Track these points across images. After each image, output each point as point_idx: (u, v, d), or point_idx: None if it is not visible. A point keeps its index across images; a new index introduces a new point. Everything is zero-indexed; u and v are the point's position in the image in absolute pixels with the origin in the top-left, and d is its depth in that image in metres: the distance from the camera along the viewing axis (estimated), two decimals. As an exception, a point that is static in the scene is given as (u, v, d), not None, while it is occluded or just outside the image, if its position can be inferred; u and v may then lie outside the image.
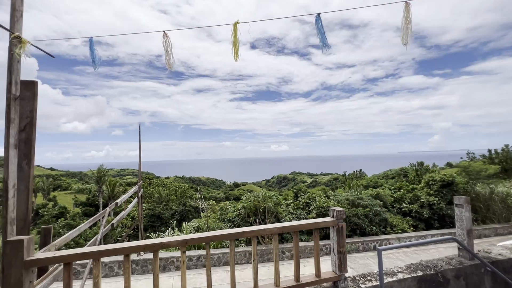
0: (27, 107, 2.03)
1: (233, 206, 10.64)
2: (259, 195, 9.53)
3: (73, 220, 28.72)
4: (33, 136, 2.03)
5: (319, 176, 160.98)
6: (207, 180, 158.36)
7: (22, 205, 1.95)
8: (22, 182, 1.95)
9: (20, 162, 1.96)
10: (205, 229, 9.63)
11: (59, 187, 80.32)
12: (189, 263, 7.80)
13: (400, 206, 12.33)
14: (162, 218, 34.59)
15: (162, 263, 7.55)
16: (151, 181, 74.44)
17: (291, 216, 10.14)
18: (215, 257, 8.04)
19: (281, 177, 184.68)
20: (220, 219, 10.48)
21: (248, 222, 9.64)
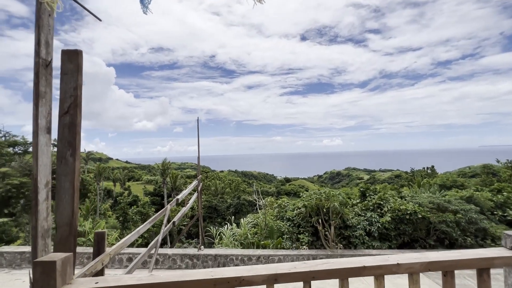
0: (71, 83, 1.61)
1: (292, 204, 9.89)
2: (322, 193, 8.55)
3: (143, 208, 32.14)
4: (77, 120, 1.60)
5: (377, 173, 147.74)
6: (259, 174, 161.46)
7: (66, 207, 1.52)
8: (65, 178, 1.53)
9: (63, 152, 1.54)
10: (263, 226, 9.14)
11: (132, 178, 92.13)
12: (248, 262, 7.39)
13: (504, 214, 9.76)
14: (218, 210, 36.16)
15: (221, 260, 7.32)
16: (208, 174, 79.26)
17: (359, 219, 8.88)
18: (275, 258, 7.46)
19: (334, 173, 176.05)
20: (278, 216, 9.86)
21: (310, 222, 8.77)
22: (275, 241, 8.40)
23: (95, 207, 38.93)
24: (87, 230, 18.94)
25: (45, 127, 1.25)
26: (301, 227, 8.90)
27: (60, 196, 1.56)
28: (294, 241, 8.66)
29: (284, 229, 8.81)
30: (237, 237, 8.95)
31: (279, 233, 8.77)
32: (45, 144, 1.25)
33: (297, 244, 8.59)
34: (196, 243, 27.31)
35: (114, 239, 22.57)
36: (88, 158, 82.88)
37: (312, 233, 8.85)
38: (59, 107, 1.60)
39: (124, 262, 7.18)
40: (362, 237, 8.36)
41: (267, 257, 7.42)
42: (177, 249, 7.48)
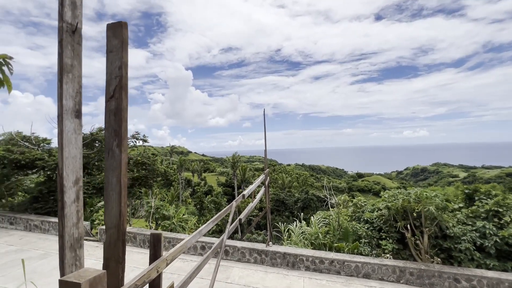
0: (116, 62, 1.36)
1: (371, 204, 8.63)
2: (410, 194, 7.09)
3: (216, 198, 34.82)
4: (123, 105, 1.35)
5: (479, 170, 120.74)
6: (327, 168, 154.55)
7: (114, 207, 1.28)
8: (112, 173, 1.29)
9: (109, 143, 1.29)
10: (336, 226, 8.27)
11: (207, 169, 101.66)
12: (320, 265, 6.74)
13: None
14: (286, 204, 36.04)
15: (290, 260, 6.89)
16: (275, 167, 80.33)
17: (465, 229, 7.01)
18: (352, 265, 6.57)
19: (418, 169, 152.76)
20: (353, 217, 8.78)
21: (394, 227, 7.44)
22: (351, 245, 7.44)
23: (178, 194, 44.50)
24: (171, 215, 21.71)
25: (72, 109, 0.99)
26: (383, 231, 7.64)
27: (108, 194, 1.33)
28: (374, 247, 7.51)
29: (362, 232, 7.74)
30: (307, 235, 8.36)
31: (355, 236, 7.75)
32: (73, 131, 0.99)
33: (378, 251, 7.42)
34: (264, 234, 27.92)
35: (192, 224, 25.27)
36: (172, 151, 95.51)
37: (398, 240, 7.50)
38: (105, 91, 1.37)
39: (198, 249, 7.58)
40: (471, 252, 6.56)
41: (342, 263, 6.60)
42: (245, 243, 7.45)
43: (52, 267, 6.66)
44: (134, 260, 7.13)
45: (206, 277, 5.96)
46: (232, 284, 6.00)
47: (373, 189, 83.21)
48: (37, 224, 9.32)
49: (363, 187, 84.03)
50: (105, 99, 1.38)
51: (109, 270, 1.31)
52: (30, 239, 8.54)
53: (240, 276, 6.36)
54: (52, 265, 6.79)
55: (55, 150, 11.53)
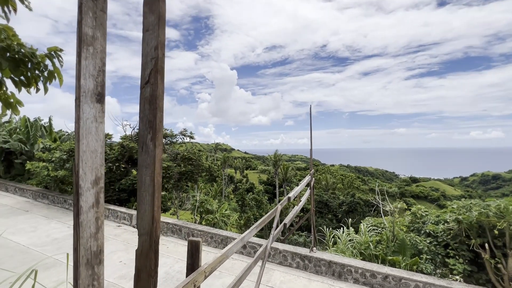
0: (152, 41, 1.17)
1: (434, 215, 7.45)
2: (490, 206, 5.87)
3: (258, 195, 35.02)
4: (159, 91, 1.15)
5: None
6: (375, 171, 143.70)
7: (147, 210, 1.11)
8: (146, 171, 1.09)
9: (143, 136, 1.11)
10: (390, 237, 7.36)
11: (249, 167, 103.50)
12: (371, 279, 6.03)
13: None
14: (330, 206, 34.41)
15: (337, 269, 6.33)
16: (318, 167, 77.67)
17: None
18: (411, 284, 5.70)
19: (488, 176, 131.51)
20: (411, 228, 7.72)
21: (466, 244, 6.26)
22: (409, 260, 6.51)
23: (221, 190, 46.13)
24: (214, 209, 22.45)
25: (93, 91, 0.79)
26: (451, 248, 6.51)
27: (141, 195, 1.15)
28: (439, 265, 6.44)
29: (423, 246, 6.72)
30: (355, 244, 7.62)
31: (414, 251, 6.77)
32: (93, 119, 0.79)
33: (444, 271, 6.35)
34: (306, 237, 27.09)
35: (234, 220, 25.76)
36: (216, 148, 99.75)
37: (471, 260, 6.30)
38: (141, 76, 1.19)
39: (239, 248, 7.50)
40: None
41: (399, 280, 5.78)
42: (288, 246, 7.09)
43: (109, 251, 7.27)
44: (179, 252, 7.39)
45: (248, 279, 5.81)
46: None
47: (430, 196, 74.42)
48: (99, 210, 10.43)
49: (418, 193, 75.80)
50: (140, 85, 1.19)
51: (140, 283, 1.11)
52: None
53: (282, 281, 6.05)
54: (110, 249, 7.42)
55: (114, 144, 12.75)
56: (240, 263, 6.91)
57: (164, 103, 1.22)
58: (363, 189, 60.74)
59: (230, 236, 7.73)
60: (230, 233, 8.00)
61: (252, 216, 29.09)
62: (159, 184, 1.13)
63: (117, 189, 11.39)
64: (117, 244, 7.74)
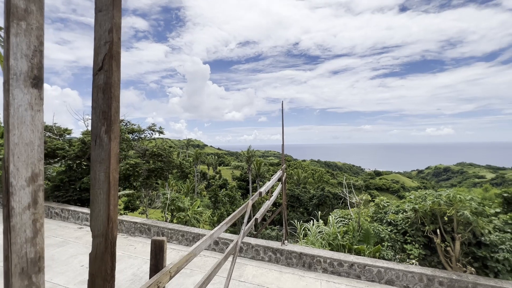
0: (105, 24, 1.05)
1: (395, 205, 8.05)
2: (441, 195, 6.47)
3: (231, 191, 34.94)
4: (114, 79, 1.04)
5: (509, 171, 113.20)
6: (344, 165, 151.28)
7: (101, 209, 1.01)
8: (100, 167, 1.00)
9: (96, 128, 1.00)
10: (355, 227, 7.80)
11: (223, 163, 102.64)
12: (339, 268, 6.35)
13: None
14: (301, 200, 35.51)
15: (307, 260, 6.55)
16: (290, 163, 79.52)
17: (503, 237, 6.32)
18: (373, 270, 6.12)
19: (440, 168, 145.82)
20: (375, 218, 8.25)
21: (422, 231, 6.86)
22: (372, 248, 6.97)
23: (193, 186, 45.18)
24: (186, 207, 21.90)
25: (26, 73, 0.67)
26: (409, 235, 7.09)
27: (95, 193, 1.05)
28: (398, 251, 6.99)
29: (384, 234, 7.23)
30: (324, 235, 7.96)
31: (377, 239, 7.25)
32: (27, 106, 0.67)
33: (402, 256, 6.90)
34: (278, 230, 27.72)
35: (207, 217, 25.45)
36: (188, 144, 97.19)
37: (425, 245, 6.93)
38: (93, 62, 1.08)
39: (211, 245, 7.41)
40: (510, 262, 5.90)
41: (363, 266, 6.16)
42: (260, 240, 7.18)
43: (70, 255, 6.75)
44: (148, 252, 7.09)
45: (219, 274, 5.77)
46: (246, 283, 5.77)
47: (392, 188, 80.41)
48: (57, 212, 9.58)
49: (381, 185, 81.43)
50: (93, 72, 1.08)
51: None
52: (50, 226, 8.77)
53: (254, 275, 6.11)
54: (70, 253, 6.89)
55: (74, 140, 11.80)
56: (213, 260, 6.84)
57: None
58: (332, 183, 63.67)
59: (201, 233, 7.60)
60: (202, 230, 7.87)
61: (225, 212, 29.01)
62: (115, 181, 1.04)
63: (78, 188, 10.57)
64: (78, 247, 7.20)
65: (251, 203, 3.17)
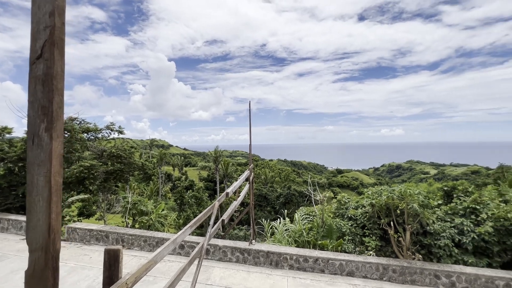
0: (45, 5, 0.93)
1: (354, 201, 8.60)
2: (394, 191, 7.08)
3: (198, 192, 34.10)
4: (56, 69, 0.92)
5: (447, 167, 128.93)
6: (309, 164, 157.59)
7: (40, 218, 0.88)
8: (38, 170, 0.89)
9: (34, 125, 0.86)
10: (320, 223, 8.15)
11: (189, 163, 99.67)
12: (304, 264, 6.57)
13: None
14: (268, 199, 36.08)
15: (274, 258, 6.66)
16: (258, 163, 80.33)
17: (444, 225, 7.14)
18: (336, 263, 6.45)
19: (393, 166, 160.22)
20: (337, 214, 8.72)
21: (378, 224, 7.43)
22: (335, 242, 7.36)
23: (158, 189, 43.12)
24: (150, 210, 20.76)
25: None
26: (367, 228, 7.63)
27: (32, 200, 0.91)
28: (358, 244, 7.48)
29: (346, 229, 7.68)
30: (290, 233, 8.18)
31: (339, 233, 7.68)
32: None
33: (361, 248, 7.40)
34: (246, 230, 27.78)
35: (172, 220, 24.46)
36: (152, 144, 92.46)
37: (381, 237, 7.51)
38: (30, 49, 0.94)
39: (177, 249, 7.13)
40: (449, 248, 6.68)
41: (326, 261, 6.47)
42: (227, 241, 7.11)
43: (10, 271, 5.95)
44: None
45: (185, 279, 5.57)
46: (213, 285, 5.67)
47: (352, 185, 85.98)
48: (-6, 222, 8.38)
49: (342, 182, 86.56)
50: (30, 61, 0.95)
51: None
52: (-15, 239, 7.65)
53: (221, 277, 6.03)
54: (10, 268, 6.07)
55: (16, 140, 10.45)
56: (178, 264, 6.59)
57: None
58: (298, 182, 65.87)
59: (166, 237, 7.27)
60: (166, 234, 7.53)
61: (192, 215, 28.20)
62: (58, 186, 0.92)
63: (20, 194, 9.36)
64: (20, 261, 6.38)
65: (218, 205, 3.10)
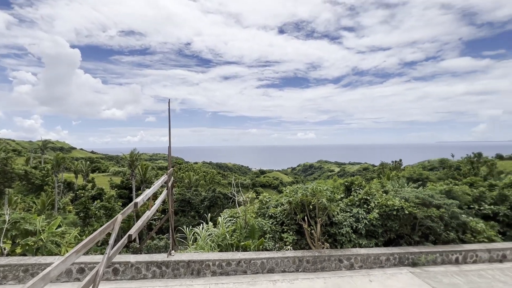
0: None
1: (275, 200, 9.09)
2: (308, 189, 7.83)
3: (108, 202, 29.60)
4: None
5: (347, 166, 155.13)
6: (234, 166, 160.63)
7: None
8: None
9: None
10: (243, 224, 8.24)
11: (98, 169, 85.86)
12: (227, 268, 6.47)
13: (480, 208, 9.91)
14: (192, 204, 34.62)
15: (196, 267, 6.30)
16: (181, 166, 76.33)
17: (345, 215, 8.35)
18: (257, 262, 6.62)
19: (307, 165, 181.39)
20: (259, 213, 9.02)
21: (294, 219, 8.05)
22: (257, 242, 7.56)
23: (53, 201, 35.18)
24: (39, 229, 16.54)
25: None
26: (285, 225, 8.15)
27: None
28: (277, 240, 7.90)
29: (267, 227, 8.00)
30: (213, 237, 7.96)
31: (261, 232, 7.94)
32: None
33: (281, 244, 7.84)
34: (167, 239, 25.79)
35: (73, 237, 20.28)
36: (45, 147, 75.09)
37: (297, 231, 8.16)
38: None
39: (74, 273, 5.86)
40: (349, 234, 7.84)
41: (249, 261, 6.56)
42: (142, 256, 6.30)
43: None
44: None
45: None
46: (122, 311, 4.88)
47: (273, 184, 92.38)
48: None
49: (265, 182, 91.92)
50: None
51: None
52: None
53: (133, 299, 5.28)
54: None
55: None
56: (74, 293, 5.41)
57: None
58: (223, 184, 65.99)
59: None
60: (58, 258, 6.09)
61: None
62: None
63: None
64: None
65: (121, 218, 2.59)
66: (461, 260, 7.65)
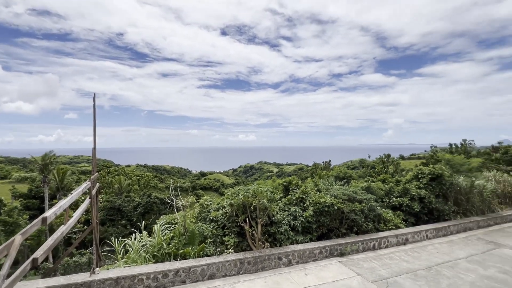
0: None
1: (216, 203, 8.89)
2: (249, 190, 7.93)
3: (9, 216, 24.07)
4: None
5: (284, 166, 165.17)
6: (172, 169, 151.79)
7: None
8: None
9: None
10: (182, 231, 7.78)
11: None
12: (163, 280, 5.97)
13: (389, 200, 11.79)
14: (123, 211, 31.11)
15: (126, 284, 5.62)
16: (110, 169, 67.88)
17: (284, 214, 8.78)
18: (198, 269, 6.33)
19: (248, 167, 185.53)
20: (199, 218, 8.68)
21: (236, 222, 8.03)
22: (197, 248, 7.24)
23: None
24: None
25: None
26: (227, 228, 8.05)
27: None
28: (219, 244, 7.73)
29: (207, 232, 7.75)
30: (148, 248, 7.26)
31: (202, 238, 7.65)
32: None
33: (222, 248, 7.71)
34: (90, 254, 22.46)
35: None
36: None
37: (238, 233, 8.15)
38: None
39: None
40: (287, 232, 8.25)
41: (188, 270, 6.21)
42: (55, 279, 5.25)
43: None
44: None
45: None
46: None
47: (214, 186, 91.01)
48: None
49: (206, 185, 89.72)
50: None
51: None
52: None
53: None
54: None
55: None
56: None
57: None
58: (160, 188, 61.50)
59: None
60: None
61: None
62: None
63: None
64: None
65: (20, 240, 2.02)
66: (377, 246, 8.93)
